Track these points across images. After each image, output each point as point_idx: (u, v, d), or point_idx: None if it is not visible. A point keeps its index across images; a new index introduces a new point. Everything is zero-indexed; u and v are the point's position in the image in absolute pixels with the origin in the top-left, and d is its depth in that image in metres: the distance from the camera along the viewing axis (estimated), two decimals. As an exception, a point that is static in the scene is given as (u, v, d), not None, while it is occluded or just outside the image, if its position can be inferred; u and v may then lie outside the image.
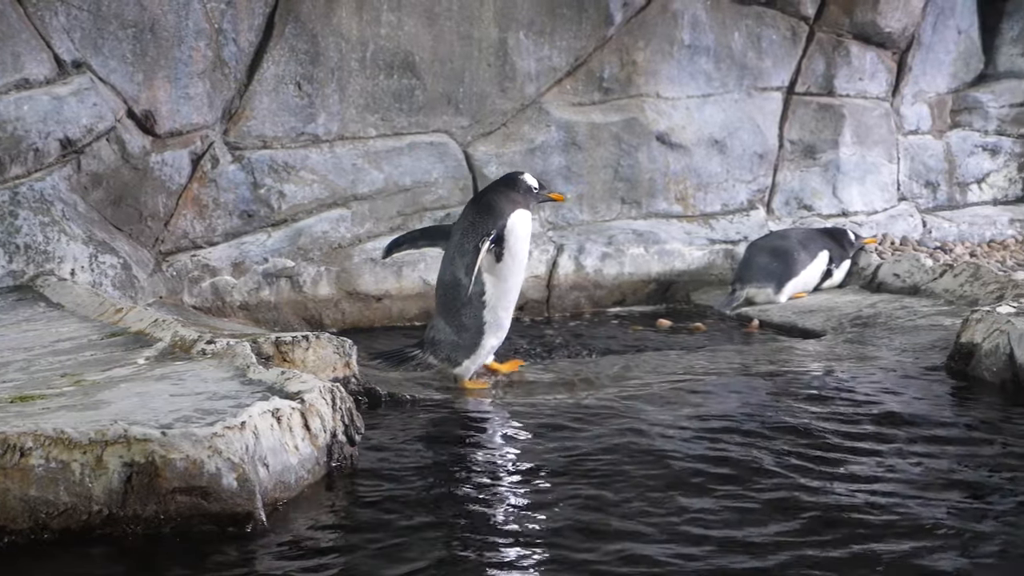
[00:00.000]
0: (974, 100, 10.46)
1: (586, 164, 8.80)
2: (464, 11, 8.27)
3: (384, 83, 8.10)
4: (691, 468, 4.29)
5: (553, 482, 4.12)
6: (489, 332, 5.79)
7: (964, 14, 10.39)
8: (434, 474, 4.25)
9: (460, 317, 5.76)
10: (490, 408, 5.31)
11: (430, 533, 3.59)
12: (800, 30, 9.55)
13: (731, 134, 9.35)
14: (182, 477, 3.46)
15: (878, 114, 10.00)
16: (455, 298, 5.76)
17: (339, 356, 5.32)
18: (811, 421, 4.97)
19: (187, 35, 7.44)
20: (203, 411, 3.85)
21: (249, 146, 7.76)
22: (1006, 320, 5.68)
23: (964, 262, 7.98)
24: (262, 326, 7.54)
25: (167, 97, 7.44)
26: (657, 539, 3.52)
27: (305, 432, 3.98)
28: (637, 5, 8.89)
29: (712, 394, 5.64)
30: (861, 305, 7.82)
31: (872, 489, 4.01)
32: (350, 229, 8.05)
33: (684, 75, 9.19)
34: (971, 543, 3.47)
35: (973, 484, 4.09)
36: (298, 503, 3.81)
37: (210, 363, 4.76)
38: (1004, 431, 4.82)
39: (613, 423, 4.96)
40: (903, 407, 5.22)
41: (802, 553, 3.40)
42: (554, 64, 8.63)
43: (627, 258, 8.79)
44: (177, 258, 7.59)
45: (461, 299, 5.70)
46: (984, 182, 10.55)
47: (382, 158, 8.14)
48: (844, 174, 9.78)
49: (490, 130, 8.53)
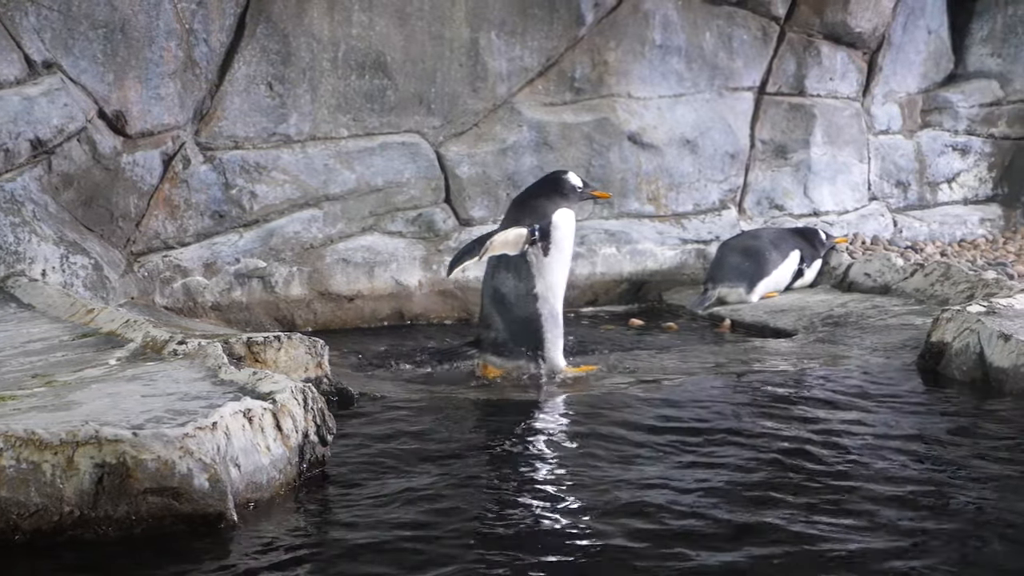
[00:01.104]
0: (944, 100, 10.50)
1: (558, 164, 8.77)
2: (435, 11, 8.26)
3: (356, 83, 8.09)
4: (659, 467, 4.31)
5: (527, 479, 4.13)
6: (547, 324, 5.96)
7: (934, 14, 10.44)
8: (406, 473, 4.25)
9: (514, 315, 5.96)
10: (462, 406, 5.31)
11: (402, 532, 3.59)
12: (771, 30, 9.58)
13: (703, 134, 9.36)
14: (153, 478, 3.45)
15: (849, 114, 10.03)
16: (504, 297, 5.97)
17: (311, 356, 5.31)
18: (782, 421, 4.99)
19: (158, 35, 7.42)
20: (174, 412, 3.84)
21: (221, 146, 7.74)
22: (976, 319, 5.72)
23: (935, 262, 8.02)
24: (234, 327, 7.51)
25: (138, 97, 7.41)
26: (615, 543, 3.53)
27: (277, 432, 3.97)
28: (608, 5, 8.89)
29: (683, 394, 5.65)
30: (832, 304, 7.85)
31: (840, 486, 4.02)
32: (322, 229, 8.04)
33: (656, 75, 9.20)
34: (935, 543, 3.49)
35: (940, 482, 4.11)
36: (270, 503, 3.81)
37: (182, 364, 4.75)
38: (973, 430, 4.85)
39: (589, 423, 4.97)
40: (873, 406, 5.24)
41: (771, 551, 3.41)
42: (526, 64, 8.63)
43: (599, 258, 8.80)
44: (149, 259, 7.57)
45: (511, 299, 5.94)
46: (954, 182, 10.60)
47: (354, 158, 8.13)
48: (815, 174, 9.81)
49: (462, 130, 8.53)
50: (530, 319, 5.96)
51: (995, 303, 6.12)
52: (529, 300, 5.94)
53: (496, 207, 8.54)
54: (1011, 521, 3.67)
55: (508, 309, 6.00)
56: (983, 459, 4.39)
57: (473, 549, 3.45)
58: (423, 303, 8.25)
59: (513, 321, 5.99)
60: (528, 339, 5.98)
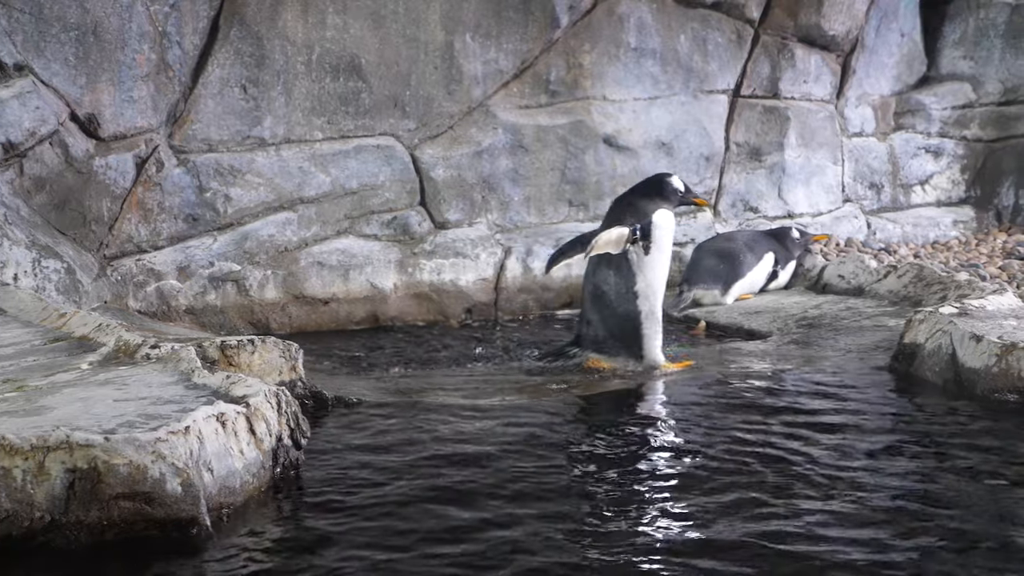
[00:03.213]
0: (917, 102, 10.54)
1: (533, 167, 8.80)
2: (410, 14, 8.25)
3: (330, 86, 8.07)
4: (630, 466, 4.31)
5: (501, 483, 4.12)
6: (646, 322, 6.10)
7: (907, 17, 10.47)
8: (381, 477, 4.24)
9: (614, 312, 6.10)
10: (433, 410, 5.30)
11: (376, 537, 3.58)
12: (745, 33, 9.59)
13: (678, 136, 9.37)
14: (125, 483, 3.44)
15: (823, 116, 10.06)
16: (604, 295, 6.11)
17: (285, 360, 5.30)
18: (754, 423, 5.00)
19: (131, 38, 7.39)
20: (147, 416, 3.83)
21: (194, 149, 7.72)
22: (948, 321, 5.74)
23: (908, 263, 8.04)
24: (208, 330, 7.49)
25: (111, 100, 7.39)
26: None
27: (250, 436, 3.96)
28: (583, 8, 8.89)
29: (658, 395, 5.67)
30: (806, 306, 7.87)
31: (811, 487, 4.03)
32: (296, 232, 8.02)
33: (630, 78, 9.20)
34: (906, 543, 3.50)
35: (910, 482, 4.13)
36: (244, 508, 3.80)
37: (155, 368, 4.73)
38: (945, 431, 4.87)
39: (560, 427, 4.97)
40: (847, 407, 5.26)
41: (740, 552, 3.42)
42: (501, 67, 8.63)
43: (575, 261, 8.78)
44: (122, 262, 7.54)
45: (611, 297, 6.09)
46: (928, 184, 10.64)
47: (328, 161, 8.12)
48: (789, 176, 9.83)
49: (437, 133, 8.52)
50: (630, 316, 6.11)
51: (967, 304, 6.15)
52: (629, 298, 6.09)
53: (471, 210, 8.55)
54: (984, 521, 3.69)
55: (608, 306, 6.15)
56: (956, 460, 4.40)
57: (446, 555, 3.45)
58: (398, 306, 8.24)
59: (613, 318, 6.15)
60: (627, 336, 6.14)
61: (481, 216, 8.65)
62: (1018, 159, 10.52)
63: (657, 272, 6.12)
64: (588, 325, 6.26)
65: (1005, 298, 6.43)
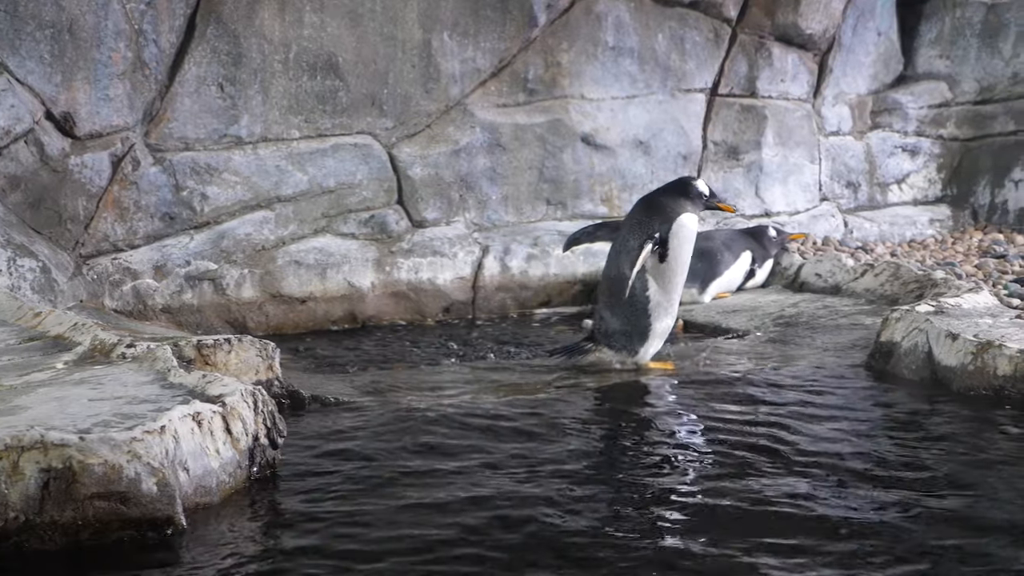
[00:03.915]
0: (894, 101, 10.57)
1: (511, 165, 8.80)
2: (387, 12, 8.24)
3: (307, 84, 8.06)
4: (603, 465, 4.31)
5: (478, 484, 4.12)
6: (656, 321, 6.18)
7: (883, 16, 10.50)
8: (358, 476, 4.23)
9: (626, 310, 6.14)
10: (411, 409, 5.29)
11: (353, 537, 3.58)
12: (723, 32, 9.61)
13: (655, 135, 9.38)
14: (100, 482, 3.42)
15: (800, 115, 10.08)
16: (619, 292, 6.12)
17: (262, 359, 5.29)
18: (731, 421, 5.01)
19: (106, 36, 7.36)
20: (122, 415, 3.81)
21: (171, 148, 7.70)
22: (925, 319, 5.76)
23: (884, 262, 8.07)
24: (184, 329, 7.47)
25: (87, 99, 7.36)
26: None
27: (227, 436, 3.95)
28: (561, 7, 8.89)
29: (635, 394, 5.67)
30: (784, 305, 7.88)
31: (788, 483, 4.04)
32: (274, 231, 8.00)
33: (608, 76, 9.21)
34: (881, 542, 3.51)
35: (884, 480, 4.14)
36: (220, 507, 3.79)
37: (130, 367, 4.72)
38: (921, 428, 4.89)
39: (535, 429, 4.97)
40: (823, 405, 5.27)
41: (716, 550, 3.42)
42: (478, 65, 8.63)
43: (553, 259, 8.78)
44: (98, 261, 7.51)
45: (624, 293, 6.08)
46: (904, 182, 10.66)
47: (306, 160, 8.10)
48: (767, 175, 9.85)
49: (414, 131, 8.51)
50: (639, 317, 6.16)
51: (943, 303, 6.17)
52: (642, 299, 6.13)
53: (449, 208, 8.54)
54: (958, 517, 3.70)
55: (621, 303, 6.17)
56: (931, 457, 4.42)
57: (423, 555, 3.44)
58: (376, 305, 8.22)
59: (624, 315, 6.18)
60: (634, 332, 6.19)
61: (459, 215, 8.64)
62: (994, 158, 10.56)
63: (671, 277, 6.17)
64: (601, 320, 6.31)
65: (981, 296, 6.46)
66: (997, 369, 5.21)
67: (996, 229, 10.30)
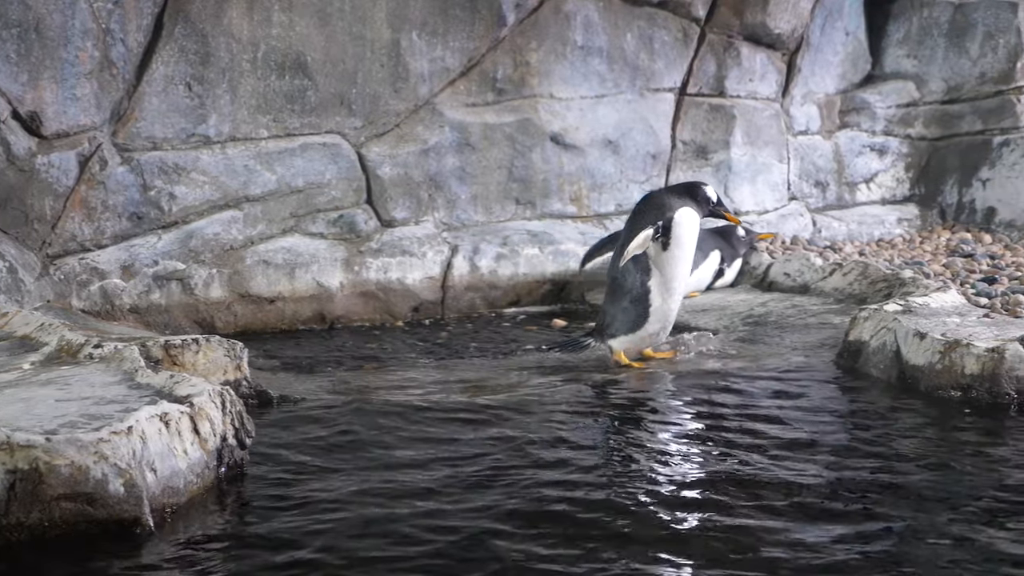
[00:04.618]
0: (862, 101, 10.60)
1: (480, 165, 8.79)
2: (356, 11, 8.22)
3: (276, 84, 8.03)
4: (574, 464, 4.32)
5: (449, 482, 4.12)
6: (653, 318, 6.22)
7: (851, 16, 10.54)
8: (325, 476, 4.23)
9: (626, 303, 6.20)
10: (380, 408, 5.29)
11: (321, 537, 3.57)
12: (691, 31, 9.62)
13: (624, 135, 9.39)
14: (67, 483, 3.41)
15: (768, 115, 10.10)
16: (621, 285, 6.22)
17: (230, 359, 5.28)
18: (700, 419, 5.02)
19: (73, 35, 7.32)
20: (89, 416, 3.80)
21: (138, 147, 7.66)
22: (893, 318, 5.78)
23: (853, 261, 8.09)
24: (152, 329, 7.44)
25: (54, 98, 7.32)
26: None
27: (194, 436, 3.94)
28: (530, 6, 8.89)
29: (605, 392, 5.68)
30: (753, 304, 7.90)
31: (757, 483, 4.05)
32: (242, 231, 7.97)
33: (577, 76, 9.21)
34: (849, 540, 3.53)
35: (851, 478, 4.16)
36: (188, 508, 3.78)
37: (97, 367, 4.70)
38: (888, 426, 4.91)
39: (504, 425, 4.97)
40: (791, 404, 5.29)
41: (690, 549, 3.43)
42: (447, 65, 8.61)
43: (522, 259, 8.78)
44: (65, 261, 7.47)
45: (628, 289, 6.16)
46: (872, 182, 10.70)
47: (274, 159, 8.08)
48: (736, 174, 9.87)
49: (383, 131, 8.49)
50: (640, 309, 6.20)
51: (911, 302, 6.20)
52: (644, 291, 6.17)
53: (418, 208, 8.53)
54: (924, 515, 3.72)
55: (623, 297, 6.24)
56: (898, 455, 4.44)
57: (391, 553, 3.44)
58: (344, 305, 8.20)
59: (624, 309, 6.24)
60: (623, 322, 6.26)
61: (428, 214, 8.63)
62: (961, 157, 10.60)
63: (674, 268, 6.21)
64: (604, 315, 6.36)
65: (949, 295, 6.50)
66: (965, 368, 5.24)
67: (964, 228, 10.34)
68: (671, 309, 6.27)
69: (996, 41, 10.37)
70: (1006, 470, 4.26)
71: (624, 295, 6.22)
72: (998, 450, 4.54)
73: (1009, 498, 3.92)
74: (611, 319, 6.30)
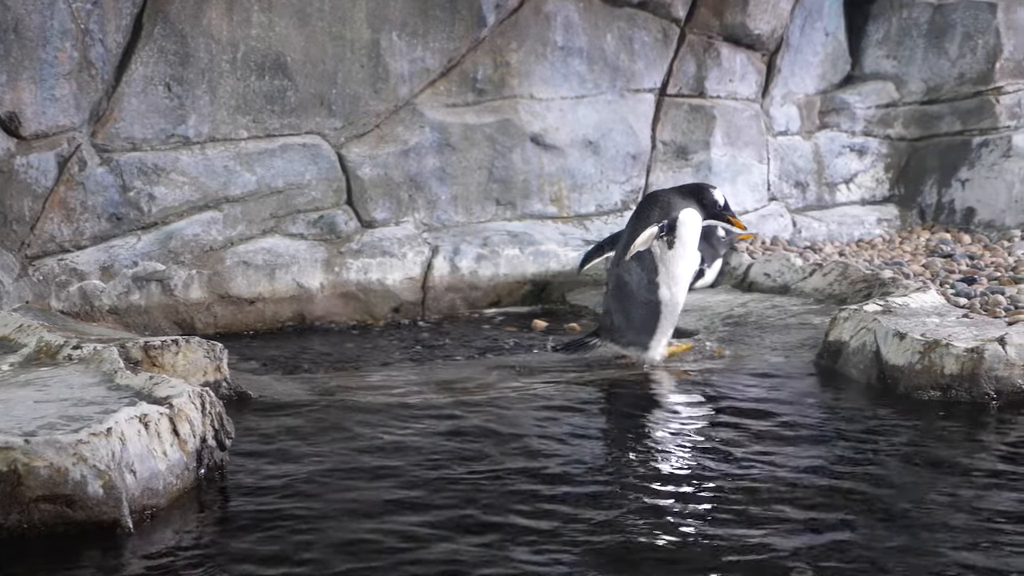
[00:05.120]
0: (841, 101, 10.63)
1: (460, 165, 8.79)
2: (336, 12, 8.21)
3: (256, 84, 8.01)
4: (548, 466, 4.32)
5: (429, 482, 4.12)
6: (664, 314, 6.20)
7: (831, 16, 10.56)
8: (306, 477, 4.22)
9: (634, 302, 6.19)
10: (360, 409, 5.28)
11: (301, 539, 3.56)
12: (671, 32, 9.63)
13: (604, 135, 9.39)
14: (46, 485, 3.40)
15: (748, 115, 10.12)
16: (627, 286, 6.21)
17: (210, 360, 5.27)
18: (681, 420, 5.03)
19: (52, 36, 7.29)
20: (68, 418, 3.79)
21: (118, 148, 7.64)
22: (873, 318, 5.80)
23: (833, 261, 8.11)
24: (132, 331, 7.41)
25: (32, 99, 7.28)
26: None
27: (174, 437, 3.93)
28: (510, 7, 8.88)
29: (583, 394, 5.68)
30: (732, 304, 7.91)
31: (736, 484, 4.06)
32: (222, 232, 7.95)
33: (557, 76, 9.21)
34: (828, 538, 3.53)
35: (832, 478, 4.17)
36: (167, 509, 3.77)
37: (76, 369, 4.69)
38: (868, 427, 4.93)
39: (485, 425, 4.97)
40: (771, 404, 5.30)
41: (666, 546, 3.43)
42: (427, 65, 8.61)
43: (502, 259, 8.78)
44: (44, 262, 7.44)
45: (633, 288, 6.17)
46: (852, 182, 10.73)
47: (254, 160, 8.06)
48: (715, 174, 9.87)
49: (363, 131, 8.48)
50: (648, 308, 6.20)
51: (891, 302, 6.22)
52: (650, 289, 6.17)
53: (398, 208, 8.52)
54: (904, 515, 3.73)
55: (628, 297, 6.24)
56: (878, 455, 4.46)
57: (371, 554, 3.43)
58: (325, 306, 8.19)
59: (631, 309, 6.23)
60: (642, 327, 6.24)
61: (408, 215, 8.62)
62: (941, 158, 10.63)
63: (679, 267, 6.21)
64: (608, 315, 6.36)
65: (928, 296, 6.51)
66: (944, 368, 5.26)
67: (943, 229, 10.37)
68: (679, 300, 6.28)
69: (975, 42, 10.40)
70: (984, 471, 4.27)
71: (632, 297, 6.20)
72: (977, 450, 4.55)
73: (988, 498, 3.93)
74: (625, 324, 6.27)
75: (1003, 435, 4.78)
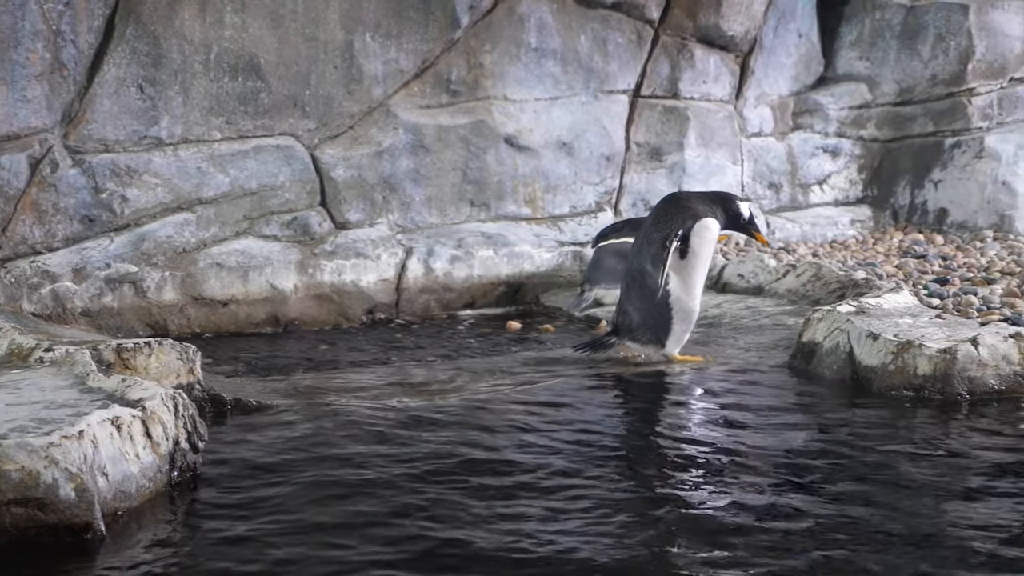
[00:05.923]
0: (814, 102, 10.67)
1: (434, 167, 8.78)
2: (309, 13, 8.19)
3: (229, 85, 7.99)
4: (528, 468, 4.32)
5: (403, 487, 4.11)
6: (677, 318, 6.19)
7: (804, 18, 10.60)
8: (279, 480, 4.20)
9: (649, 303, 6.14)
10: (334, 411, 5.26)
11: (274, 540, 3.55)
12: (645, 33, 9.65)
13: (578, 136, 9.40)
14: (17, 488, 3.38)
15: (722, 116, 10.14)
16: (643, 286, 6.17)
17: (183, 362, 5.23)
18: (653, 421, 5.03)
19: (24, 37, 7.26)
20: (40, 420, 3.76)
21: (90, 150, 7.61)
22: (846, 319, 5.81)
23: (806, 262, 8.13)
24: (105, 333, 7.38)
25: (3, 100, 7.25)
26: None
27: (146, 440, 3.91)
28: (483, 8, 8.89)
29: (557, 397, 5.67)
30: (707, 305, 7.90)
31: (711, 483, 4.07)
32: (195, 233, 7.93)
33: (531, 78, 9.22)
34: (802, 540, 3.54)
35: (805, 478, 4.17)
36: (139, 512, 3.75)
37: (48, 371, 4.67)
38: (840, 427, 4.94)
39: (459, 426, 4.97)
40: (744, 405, 5.31)
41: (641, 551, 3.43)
42: (401, 66, 8.60)
43: (476, 260, 8.78)
44: (16, 264, 7.41)
45: (649, 287, 6.11)
46: (825, 183, 10.77)
47: (227, 161, 8.04)
48: (690, 176, 9.90)
49: (337, 133, 8.47)
50: (661, 310, 6.17)
51: (864, 303, 6.24)
52: (663, 295, 6.12)
53: (372, 210, 8.51)
54: (878, 516, 3.74)
55: (643, 296, 6.20)
56: (849, 455, 4.46)
57: (345, 557, 3.43)
58: (299, 307, 8.17)
59: (646, 308, 6.20)
60: (657, 326, 6.22)
61: (382, 216, 8.61)
62: (913, 159, 10.69)
63: (692, 275, 6.19)
64: (624, 314, 6.34)
65: (901, 296, 6.54)
66: (917, 369, 5.28)
67: (916, 229, 10.42)
68: (695, 304, 6.24)
69: (947, 43, 10.45)
70: (956, 469, 4.29)
71: (647, 297, 6.16)
72: (949, 450, 4.57)
73: (961, 496, 3.95)
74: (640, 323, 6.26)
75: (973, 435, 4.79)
